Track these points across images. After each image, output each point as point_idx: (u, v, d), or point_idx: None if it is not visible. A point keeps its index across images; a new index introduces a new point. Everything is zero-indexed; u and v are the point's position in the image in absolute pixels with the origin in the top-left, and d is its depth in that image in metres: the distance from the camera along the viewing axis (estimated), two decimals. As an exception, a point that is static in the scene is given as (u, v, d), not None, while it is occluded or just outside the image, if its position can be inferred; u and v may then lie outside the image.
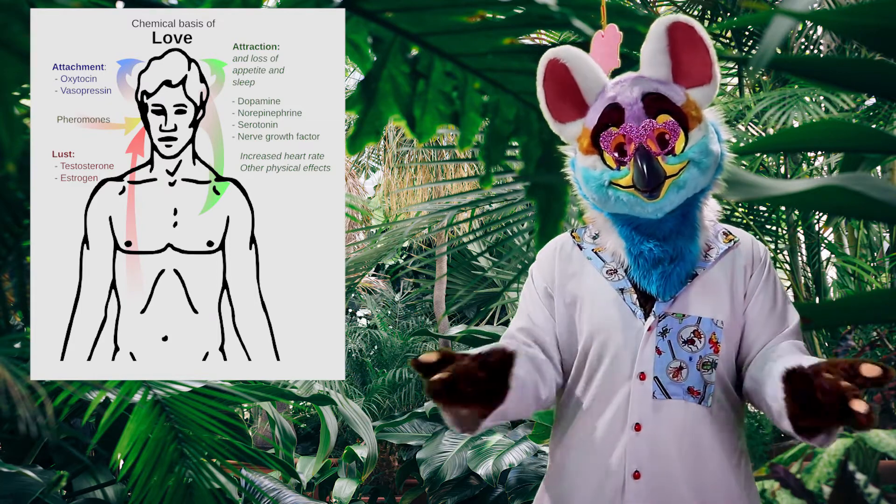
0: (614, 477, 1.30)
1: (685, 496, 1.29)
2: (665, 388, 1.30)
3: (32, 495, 1.92)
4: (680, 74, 1.31)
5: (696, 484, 1.30)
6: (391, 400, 6.54)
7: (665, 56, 1.30)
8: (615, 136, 1.29)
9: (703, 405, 1.31)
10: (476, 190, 3.00)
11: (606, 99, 1.31)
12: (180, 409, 1.98)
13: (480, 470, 4.32)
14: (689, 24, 1.27)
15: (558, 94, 1.35)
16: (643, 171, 1.25)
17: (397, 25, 1.37)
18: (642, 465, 1.29)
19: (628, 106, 1.28)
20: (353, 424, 3.97)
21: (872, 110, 3.67)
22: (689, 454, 1.30)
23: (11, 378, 1.31)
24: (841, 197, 0.94)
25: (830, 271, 4.41)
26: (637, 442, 1.29)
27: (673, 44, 1.29)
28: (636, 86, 1.30)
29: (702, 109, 1.31)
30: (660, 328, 1.33)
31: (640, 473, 1.29)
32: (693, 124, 1.29)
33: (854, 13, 0.80)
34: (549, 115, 1.37)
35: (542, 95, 1.35)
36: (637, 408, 1.30)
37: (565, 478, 1.36)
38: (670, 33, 1.28)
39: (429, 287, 7.18)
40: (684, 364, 1.32)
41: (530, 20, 1.39)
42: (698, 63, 1.29)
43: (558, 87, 1.34)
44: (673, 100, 1.29)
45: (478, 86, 1.43)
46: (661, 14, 4.67)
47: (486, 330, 5.37)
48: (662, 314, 1.34)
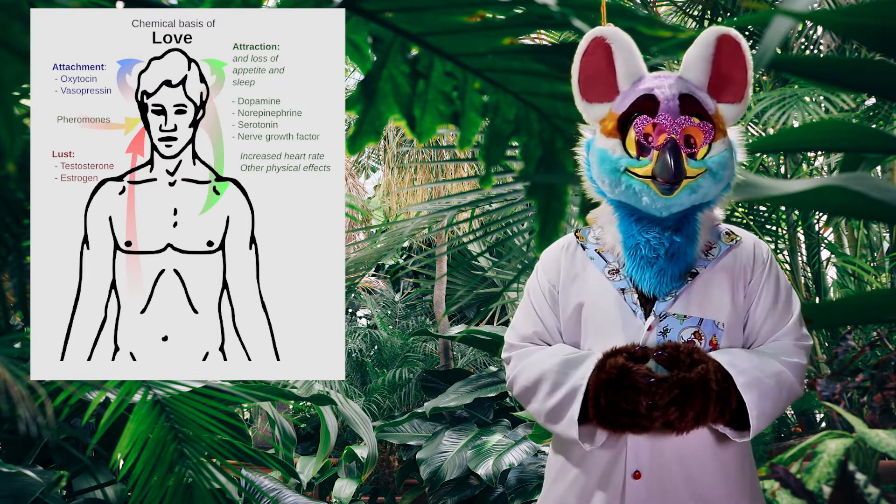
0: (615, 476, 1.30)
1: (685, 497, 1.29)
2: None
3: (32, 495, 1.91)
4: (715, 87, 1.31)
5: (696, 485, 1.30)
6: (391, 400, 6.54)
7: (707, 64, 1.30)
8: (648, 123, 1.28)
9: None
10: (476, 190, 3.00)
11: (643, 89, 1.31)
12: (180, 409, 1.98)
13: (480, 470, 4.32)
14: (738, 41, 1.27)
15: (594, 72, 1.34)
16: (670, 163, 1.25)
17: (397, 25, 1.36)
18: (642, 466, 1.29)
19: (664, 100, 1.29)
20: (353, 424, 3.97)
21: (872, 110, 3.67)
22: (689, 455, 1.30)
23: (11, 378, 1.31)
24: (841, 197, 0.94)
25: (830, 271, 4.40)
26: (637, 442, 1.30)
27: (718, 55, 1.29)
28: (676, 83, 1.30)
29: (727, 126, 1.32)
30: (660, 328, 1.33)
31: (641, 473, 1.29)
32: (718, 136, 1.29)
33: (854, 13, 0.80)
34: (578, 92, 1.36)
35: (576, 69, 1.34)
36: None
37: (567, 477, 1.37)
38: (718, 44, 1.29)
39: (429, 287, 7.17)
40: None
41: (530, 20, 1.39)
42: (736, 80, 1.30)
43: (595, 65, 1.34)
44: (707, 107, 1.29)
45: (478, 86, 1.43)
46: (661, 14, 4.67)
47: (486, 330, 5.37)
48: (663, 314, 1.34)
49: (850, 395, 2.80)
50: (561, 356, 1.35)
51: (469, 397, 5.04)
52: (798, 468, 1.88)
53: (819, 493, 1.67)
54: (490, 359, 6.61)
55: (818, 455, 1.80)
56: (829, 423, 3.37)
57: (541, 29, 2.95)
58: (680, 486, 1.29)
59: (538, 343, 1.42)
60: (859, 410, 2.69)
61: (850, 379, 2.35)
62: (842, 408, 2.52)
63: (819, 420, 3.83)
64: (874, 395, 2.29)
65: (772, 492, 1.70)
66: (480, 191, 2.66)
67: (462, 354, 6.82)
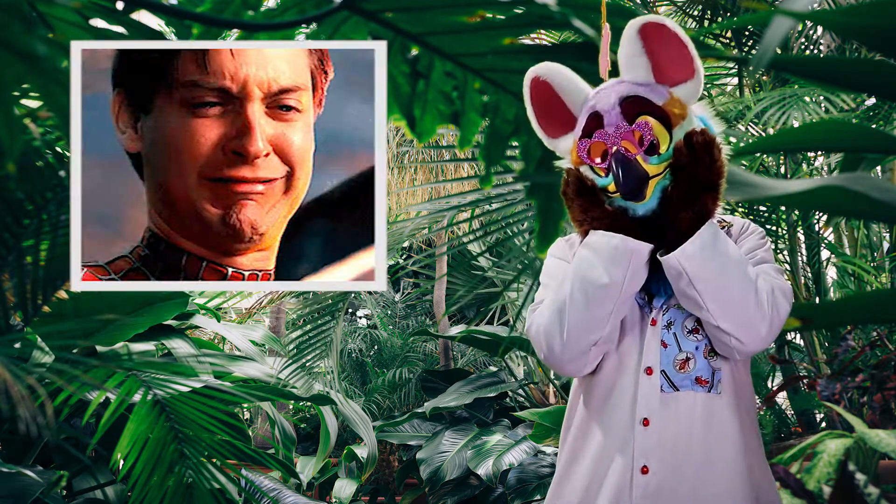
0: (622, 471, 1.30)
1: (693, 491, 1.29)
2: (672, 380, 1.31)
3: (32, 495, 1.92)
4: (661, 74, 1.30)
5: (705, 479, 1.29)
6: (391, 400, 6.54)
7: (642, 58, 1.30)
8: (591, 143, 1.29)
9: (713, 393, 1.31)
10: (476, 190, 3.00)
11: (588, 108, 1.32)
12: (180, 409, 1.98)
13: (480, 470, 4.32)
14: (659, 23, 1.26)
15: (546, 110, 1.36)
16: (619, 175, 1.26)
17: (397, 25, 1.36)
18: (650, 460, 1.29)
19: (606, 112, 1.29)
20: (353, 424, 3.97)
21: (872, 110, 3.67)
22: (697, 449, 1.30)
23: (11, 378, 1.31)
24: (841, 197, 0.94)
25: (830, 271, 4.41)
26: (645, 437, 1.30)
27: (648, 44, 1.29)
28: (614, 91, 1.30)
29: (688, 106, 1.31)
30: (664, 321, 1.34)
31: (648, 468, 1.29)
32: (676, 121, 1.28)
33: (854, 13, 0.80)
34: (541, 132, 1.38)
35: (531, 114, 1.36)
36: (645, 402, 1.30)
37: (575, 474, 1.36)
38: (642, 34, 1.28)
39: (429, 287, 7.17)
40: (691, 354, 1.32)
41: (530, 20, 1.39)
42: (676, 60, 1.28)
43: (545, 104, 1.35)
44: (653, 100, 1.29)
45: (478, 86, 1.43)
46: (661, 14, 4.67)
47: (486, 330, 5.37)
48: (665, 307, 1.34)
49: (850, 395, 2.80)
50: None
51: (469, 397, 5.05)
52: (798, 468, 1.88)
53: (819, 493, 1.67)
54: (490, 359, 6.62)
55: (818, 455, 1.80)
56: (829, 423, 3.38)
57: (541, 29, 2.95)
58: (688, 481, 1.29)
59: None
60: (859, 410, 2.69)
61: (850, 379, 2.35)
62: (842, 408, 2.52)
63: (819, 420, 3.83)
64: (874, 395, 2.29)
65: (772, 492, 1.70)
66: (480, 191, 2.66)
67: (462, 354, 6.83)
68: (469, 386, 5.20)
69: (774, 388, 3.02)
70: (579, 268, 1.30)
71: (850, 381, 2.34)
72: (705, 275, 1.24)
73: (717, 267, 1.25)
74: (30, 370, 1.54)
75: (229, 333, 3.25)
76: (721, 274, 1.25)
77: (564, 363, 1.33)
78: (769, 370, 4.28)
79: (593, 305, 1.28)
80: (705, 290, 1.25)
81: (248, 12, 1.36)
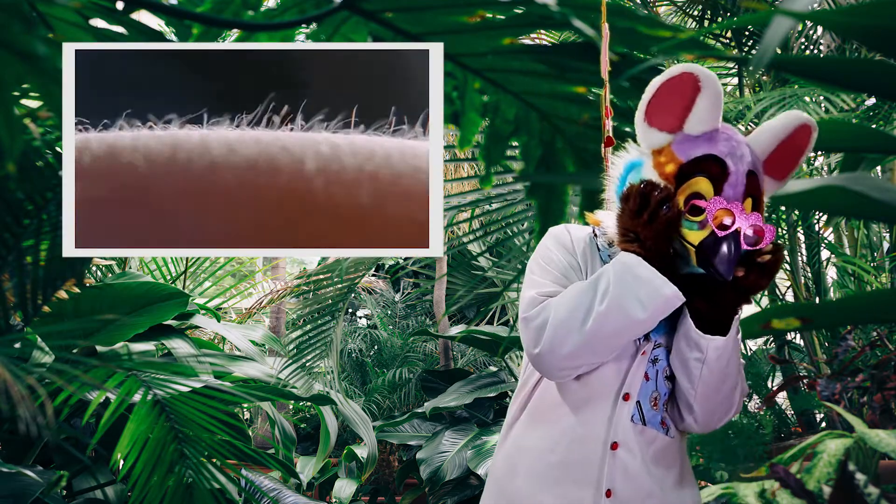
0: (588, 493, 1.29)
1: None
2: (644, 414, 1.32)
3: (32, 495, 1.91)
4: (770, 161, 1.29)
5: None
6: (391, 400, 6.54)
7: (776, 143, 1.28)
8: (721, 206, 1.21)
9: (669, 436, 1.34)
10: (476, 190, 3.00)
11: (715, 149, 1.24)
12: (180, 409, 1.98)
13: (480, 470, 4.32)
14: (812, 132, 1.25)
15: (670, 101, 1.26)
16: (723, 254, 1.20)
17: (397, 25, 1.37)
18: (614, 485, 1.29)
19: (734, 173, 1.23)
20: (353, 424, 3.97)
21: (872, 110, 3.67)
22: (660, 481, 1.32)
23: (11, 378, 1.31)
24: (841, 197, 0.94)
25: (830, 271, 4.41)
26: (613, 461, 1.29)
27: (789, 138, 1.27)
28: (745, 157, 1.24)
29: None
30: (652, 356, 1.34)
31: (612, 492, 1.29)
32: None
33: (854, 13, 0.80)
34: (644, 111, 1.27)
35: (653, 90, 1.25)
36: (617, 427, 1.30)
37: (530, 484, 1.34)
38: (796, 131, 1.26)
39: (429, 287, 7.17)
40: (663, 397, 1.34)
41: (530, 20, 1.39)
42: (790, 166, 1.28)
43: (675, 97, 1.26)
44: (762, 185, 1.27)
45: (478, 86, 1.43)
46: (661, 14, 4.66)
47: (486, 330, 5.37)
48: (658, 343, 1.34)
49: (850, 395, 2.80)
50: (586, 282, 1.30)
51: (469, 397, 5.05)
52: (798, 468, 1.88)
53: (819, 493, 1.67)
54: (490, 359, 6.62)
55: (818, 455, 1.80)
56: (829, 423, 3.38)
57: (541, 29, 2.96)
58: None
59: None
60: (859, 410, 2.69)
61: (850, 379, 2.35)
62: (842, 408, 2.52)
63: (819, 420, 3.83)
64: (874, 395, 2.29)
65: (772, 492, 1.70)
66: (480, 191, 2.66)
67: (462, 354, 6.82)
68: (469, 386, 5.20)
69: (774, 388, 3.02)
70: (620, 294, 1.24)
71: (850, 381, 2.34)
72: (718, 367, 1.28)
73: (729, 367, 1.30)
74: (30, 370, 1.55)
75: (229, 333, 3.25)
76: (723, 381, 1.30)
77: (558, 369, 1.29)
78: (769, 370, 4.27)
79: (619, 332, 1.26)
80: (708, 380, 1.29)
81: (248, 12, 1.37)
